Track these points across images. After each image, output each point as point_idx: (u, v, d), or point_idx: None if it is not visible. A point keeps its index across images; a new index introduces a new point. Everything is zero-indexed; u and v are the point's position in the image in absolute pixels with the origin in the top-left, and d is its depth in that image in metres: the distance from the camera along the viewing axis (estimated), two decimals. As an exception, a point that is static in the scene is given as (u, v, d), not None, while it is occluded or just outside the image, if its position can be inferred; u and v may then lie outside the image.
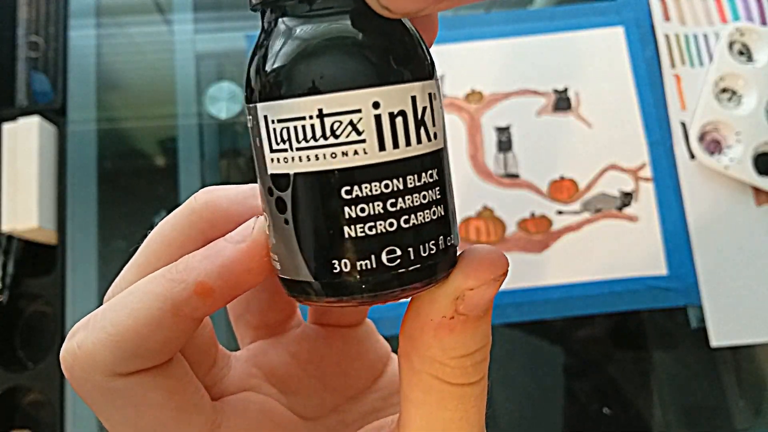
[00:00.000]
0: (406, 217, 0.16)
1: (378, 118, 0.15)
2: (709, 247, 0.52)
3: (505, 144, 0.54)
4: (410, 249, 0.16)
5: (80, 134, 0.58)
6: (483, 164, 0.54)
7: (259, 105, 0.16)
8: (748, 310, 0.51)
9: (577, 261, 0.52)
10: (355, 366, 0.22)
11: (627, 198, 0.53)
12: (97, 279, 0.54)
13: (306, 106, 0.15)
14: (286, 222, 0.16)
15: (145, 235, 0.19)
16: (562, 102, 0.55)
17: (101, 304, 0.18)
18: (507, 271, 0.17)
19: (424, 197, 0.16)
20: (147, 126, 0.61)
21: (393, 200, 0.16)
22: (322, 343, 0.22)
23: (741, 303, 0.51)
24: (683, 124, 0.54)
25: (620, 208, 0.53)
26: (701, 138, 0.54)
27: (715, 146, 0.54)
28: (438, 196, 0.17)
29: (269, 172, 0.16)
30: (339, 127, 0.15)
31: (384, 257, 0.16)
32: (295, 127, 0.16)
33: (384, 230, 0.16)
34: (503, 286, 0.55)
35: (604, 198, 0.53)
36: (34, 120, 0.54)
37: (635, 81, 0.56)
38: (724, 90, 0.55)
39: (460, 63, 0.56)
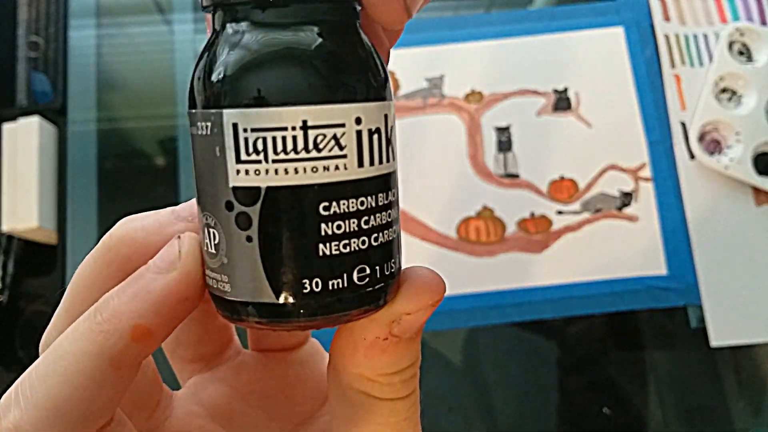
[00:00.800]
0: (376, 235, 0.16)
1: (359, 134, 0.15)
2: (708, 247, 0.52)
3: (504, 144, 0.54)
4: (377, 267, 0.16)
5: (80, 134, 0.58)
6: (483, 164, 0.54)
7: (227, 111, 0.15)
8: (748, 310, 0.51)
9: (577, 261, 0.52)
10: (300, 391, 0.21)
11: (627, 198, 0.53)
12: (97, 279, 0.54)
13: (289, 116, 0.15)
14: (249, 239, 0.15)
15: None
16: (562, 102, 0.55)
17: None
18: (443, 296, 0.16)
19: (389, 215, 0.16)
20: (147, 126, 0.61)
21: (366, 218, 0.16)
22: (263, 370, 0.21)
23: (741, 303, 0.51)
24: (683, 124, 0.54)
25: (620, 208, 0.53)
26: (701, 138, 0.54)
27: (714, 146, 0.54)
28: (396, 216, 0.17)
29: (232, 184, 0.15)
30: (323, 140, 0.15)
31: (355, 276, 0.15)
32: (274, 138, 0.15)
33: (357, 248, 0.15)
34: (504, 286, 0.55)
35: (603, 198, 0.53)
36: (34, 120, 0.54)
37: (635, 81, 0.56)
38: (724, 90, 0.55)
39: (460, 63, 0.56)
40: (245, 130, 0.15)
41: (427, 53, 0.57)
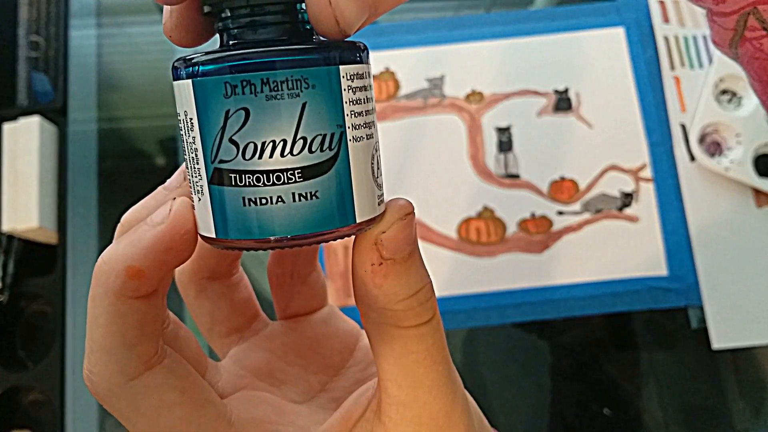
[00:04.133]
0: None
1: None
2: (709, 248, 0.52)
3: (505, 144, 0.55)
4: None
5: (81, 134, 0.58)
6: (483, 165, 0.54)
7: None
8: (749, 312, 0.51)
9: (578, 261, 0.52)
10: (328, 345, 0.24)
11: (627, 198, 0.53)
12: (98, 279, 0.54)
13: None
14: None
15: None
16: (563, 102, 0.55)
17: None
18: (411, 211, 0.18)
19: None
20: (147, 126, 0.61)
21: None
22: (293, 333, 0.24)
23: (742, 305, 0.51)
24: (683, 126, 0.55)
25: (621, 209, 0.53)
26: (701, 139, 0.54)
27: (715, 148, 0.54)
28: None
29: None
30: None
31: None
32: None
33: None
34: (504, 286, 0.55)
35: (604, 198, 0.53)
36: (35, 120, 0.54)
37: (636, 82, 0.56)
38: (724, 91, 0.55)
39: (461, 63, 0.57)
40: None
41: (427, 54, 0.57)
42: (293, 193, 0.16)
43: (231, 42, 0.18)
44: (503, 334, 0.53)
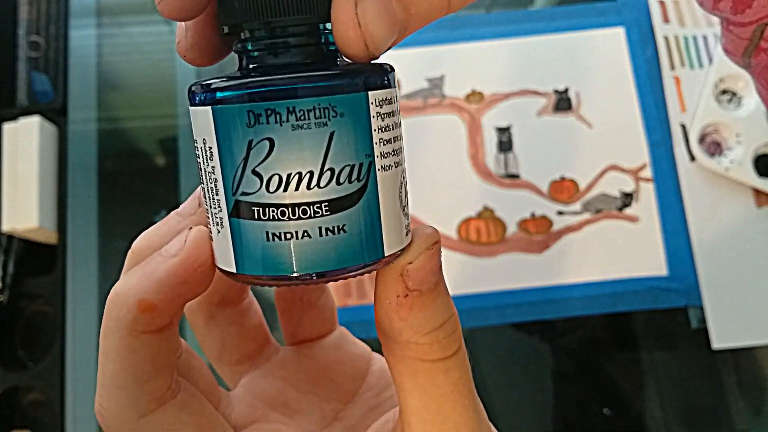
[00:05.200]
0: None
1: None
2: (709, 248, 0.52)
3: (505, 144, 0.54)
4: None
5: (81, 134, 0.58)
6: (483, 164, 0.54)
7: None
8: (749, 312, 0.51)
9: (578, 261, 0.52)
10: (340, 370, 0.23)
11: (627, 198, 0.53)
12: (98, 279, 0.54)
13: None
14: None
15: None
16: (563, 102, 0.55)
17: (101, 304, 0.18)
18: (437, 241, 0.17)
19: None
20: (147, 126, 0.61)
21: None
22: (304, 359, 0.23)
23: (742, 305, 0.51)
24: (683, 126, 0.54)
25: (621, 209, 0.53)
26: (701, 139, 0.54)
27: (715, 148, 0.54)
28: None
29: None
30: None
31: None
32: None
33: None
34: (504, 286, 0.55)
35: (604, 198, 0.53)
36: (35, 120, 0.54)
37: (636, 82, 0.56)
38: (724, 91, 0.55)
39: (461, 63, 0.56)
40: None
41: (427, 53, 0.57)
42: (320, 228, 0.15)
43: (251, 65, 0.17)
44: (503, 335, 0.53)
